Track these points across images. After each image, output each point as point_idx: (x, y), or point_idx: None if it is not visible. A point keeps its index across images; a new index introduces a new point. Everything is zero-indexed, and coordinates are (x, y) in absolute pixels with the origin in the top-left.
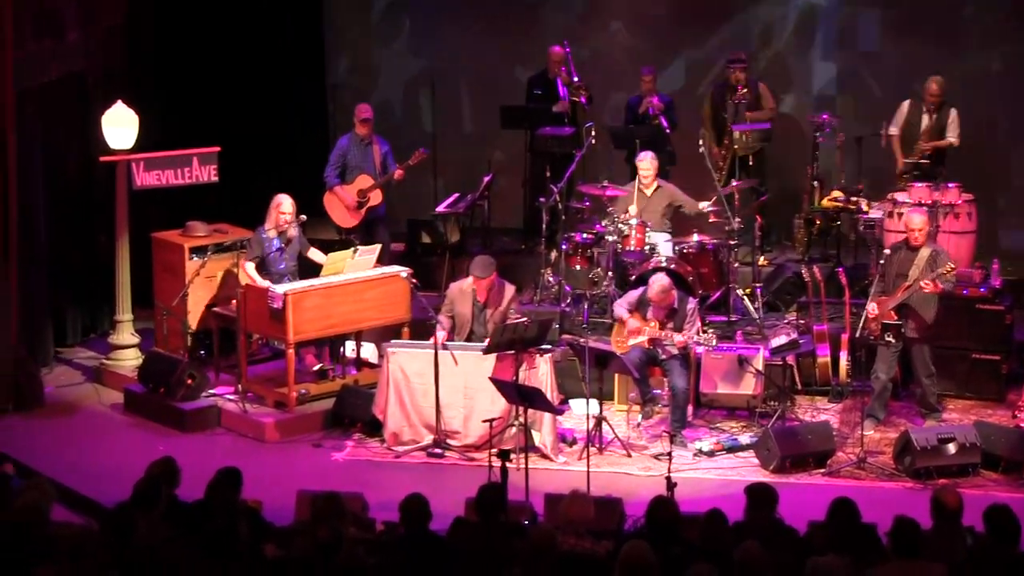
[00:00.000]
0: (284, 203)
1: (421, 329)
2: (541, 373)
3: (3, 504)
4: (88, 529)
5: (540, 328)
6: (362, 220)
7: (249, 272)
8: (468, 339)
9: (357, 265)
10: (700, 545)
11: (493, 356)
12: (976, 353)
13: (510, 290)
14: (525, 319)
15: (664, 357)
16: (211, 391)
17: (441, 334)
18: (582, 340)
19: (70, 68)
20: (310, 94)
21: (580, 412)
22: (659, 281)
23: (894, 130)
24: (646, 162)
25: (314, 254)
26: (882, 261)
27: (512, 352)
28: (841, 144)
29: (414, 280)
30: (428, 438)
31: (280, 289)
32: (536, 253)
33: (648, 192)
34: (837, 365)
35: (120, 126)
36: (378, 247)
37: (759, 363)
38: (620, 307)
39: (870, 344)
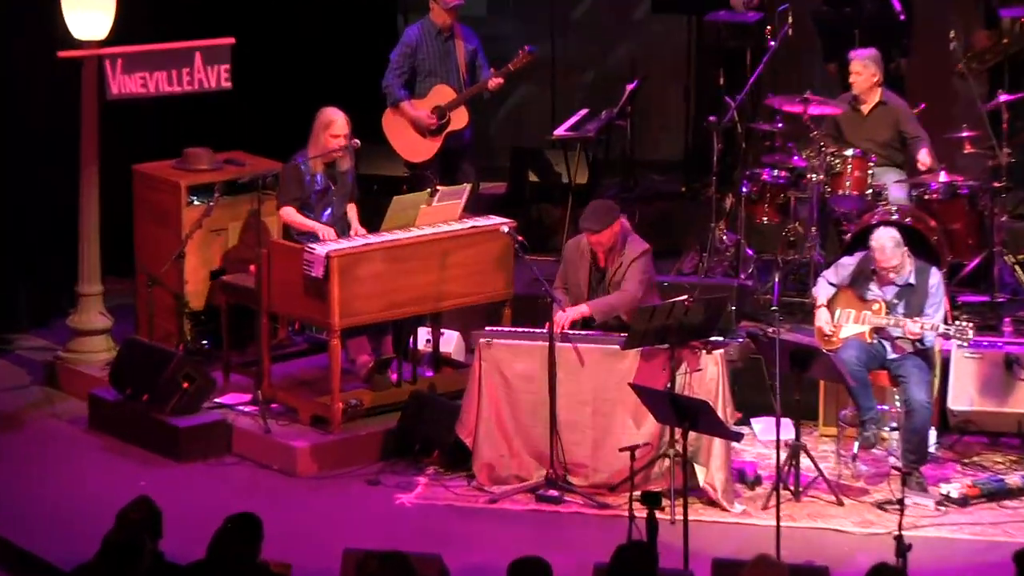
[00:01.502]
0: (336, 120)
1: (529, 310)
2: (709, 378)
3: None
4: None
5: (708, 311)
6: (440, 150)
7: (292, 219)
8: (587, 323)
9: (436, 214)
10: None
11: (636, 352)
12: None
13: (636, 247)
14: (684, 297)
15: (895, 356)
16: (218, 400)
17: (561, 315)
18: (771, 330)
19: None
20: None
21: (767, 437)
22: (884, 241)
23: None
24: (860, 64)
25: (352, 212)
26: None
27: (665, 347)
28: None
29: (520, 238)
30: (539, 473)
31: (321, 249)
32: (703, 199)
33: (865, 108)
34: None
35: (89, 8)
36: (467, 187)
37: None
38: (822, 284)
39: None
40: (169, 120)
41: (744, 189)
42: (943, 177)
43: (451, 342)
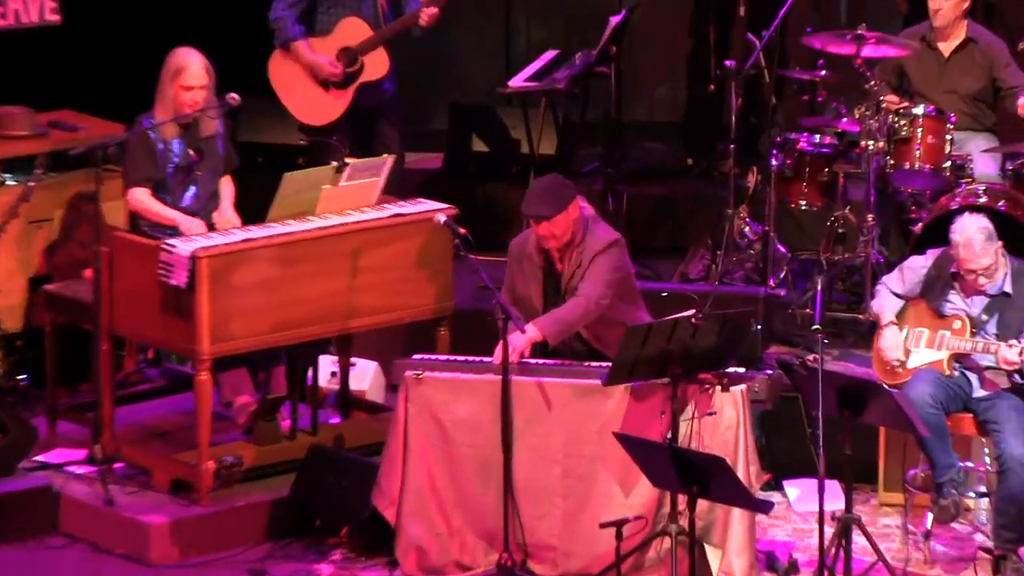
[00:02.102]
0: (188, 67)
1: (475, 331)
2: (725, 426)
3: None
4: None
5: (724, 331)
6: (350, 108)
7: (144, 205)
8: (544, 349)
9: (345, 198)
10: None
11: (624, 389)
12: None
13: (600, 238)
14: (691, 312)
15: (983, 393)
16: (40, 459)
17: (519, 337)
18: (811, 357)
19: None
20: None
21: (805, 508)
22: (969, 233)
23: None
24: None
25: (225, 189)
26: None
27: (665, 381)
28: None
29: (462, 230)
30: (489, 559)
31: (184, 247)
32: (717, 176)
33: (946, 48)
34: None
35: None
36: (388, 160)
37: None
38: (884, 295)
39: None
40: None
41: (774, 162)
42: None
43: (366, 376)
